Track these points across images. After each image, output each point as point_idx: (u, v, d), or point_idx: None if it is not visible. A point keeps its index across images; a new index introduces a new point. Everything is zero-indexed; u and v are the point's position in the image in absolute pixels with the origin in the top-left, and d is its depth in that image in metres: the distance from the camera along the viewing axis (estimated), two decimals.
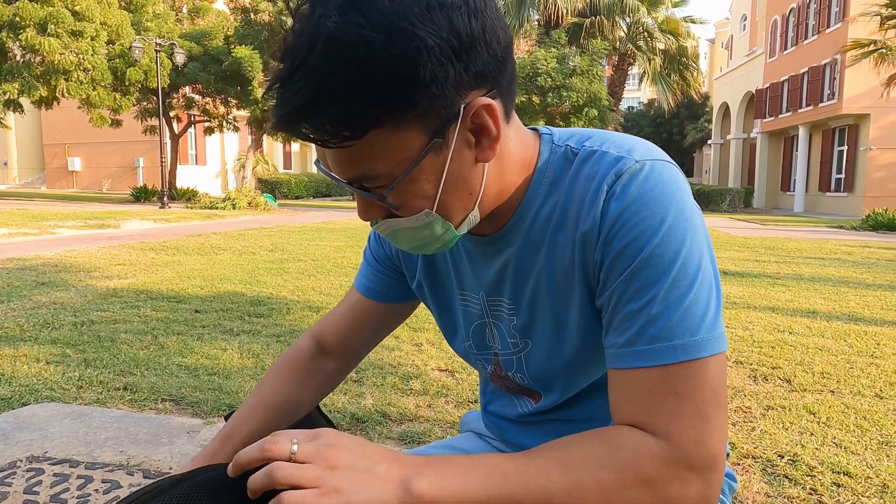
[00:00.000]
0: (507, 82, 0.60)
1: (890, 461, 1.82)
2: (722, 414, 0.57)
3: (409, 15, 0.51)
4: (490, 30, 0.56)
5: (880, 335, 3.42)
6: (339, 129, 0.53)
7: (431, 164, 0.57)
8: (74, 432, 1.81)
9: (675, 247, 0.58)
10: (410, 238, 0.63)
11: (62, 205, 15.18)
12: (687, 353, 0.57)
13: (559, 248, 0.65)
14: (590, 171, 0.63)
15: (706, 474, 0.55)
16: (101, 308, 3.63)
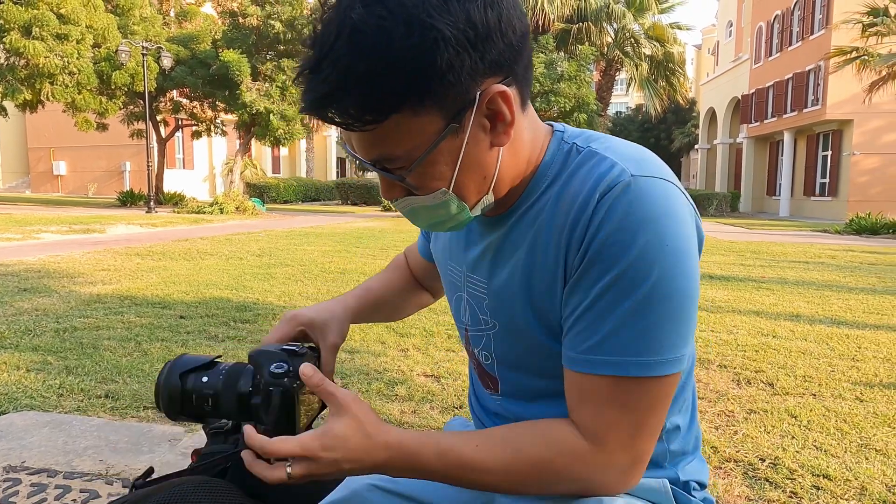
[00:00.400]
0: (523, 70, 0.63)
1: (869, 464, 1.84)
2: (657, 422, 0.64)
3: (427, 7, 0.54)
4: (506, 20, 0.59)
5: (861, 338, 3.46)
6: (362, 113, 0.57)
7: (448, 148, 0.61)
8: (53, 441, 1.78)
9: (646, 271, 0.60)
10: (427, 216, 0.67)
11: (47, 209, 15.00)
12: (638, 371, 0.61)
13: (543, 241, 0.67)
14: (587, 173, 0.65)
15: (629, 470, 0.65)
16: (84, 314, 3.59)
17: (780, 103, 23.03)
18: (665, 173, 0.65)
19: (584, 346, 0.63)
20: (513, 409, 0.77)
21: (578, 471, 0.64)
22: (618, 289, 0.60)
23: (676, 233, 0.61)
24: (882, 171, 19.68)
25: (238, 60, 16.34)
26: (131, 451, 1.74)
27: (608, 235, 0.61)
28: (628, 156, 0.65)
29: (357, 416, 0.64)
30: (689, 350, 0.65)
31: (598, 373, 0.62)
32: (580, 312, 0.63)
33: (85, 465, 1.64)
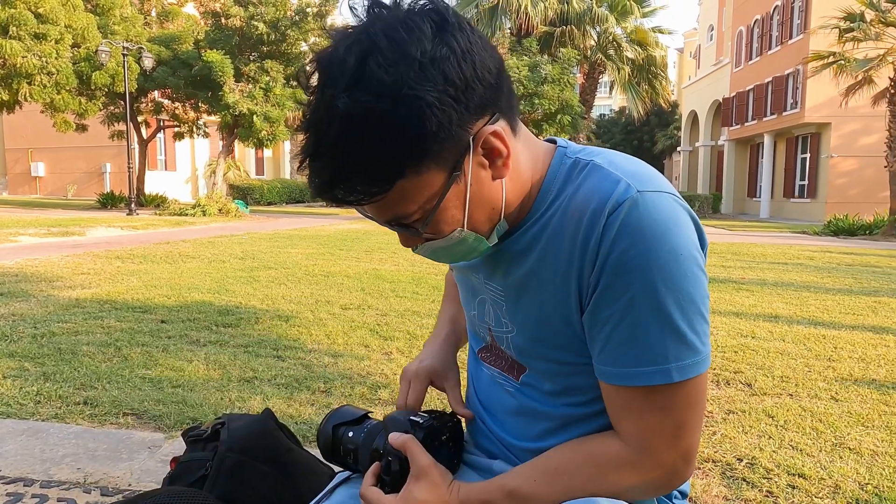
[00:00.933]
0: (506, 100, 0.67)
1: (843, 462, 1.88)
2: (697, 418, 0.69)
3: (407, 80, 0.58)
4: (480, 65, 0.62)
5: (838, 339, 3.53)
6: (368, 189, 0.62)
7: (455, 194, 0.66)
8: (30, 449, 1.76)
9: (666, 284, 0.64)
10: (449, 254, 0.73)
11: (24, 211, 14.74)
12: (673, 377, 0.65)
13: (553, 255, 0.71)
14: (591, 188, 0.68)
15: (679, 465, 0.69)
16: (62, 319, 3.53)
17: (761, 106, 23.38)
18: (667, 186, 0.69)
19: (617, 361, 0.67)
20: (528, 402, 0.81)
21: (632, 479, 0.69)
22: (642, 303, 0.64)
23: (686, 243, 0.65)
24: (859, 173, 20.06)
25: (221, 61, 16.18)
26: (110, 458, 1.72)
27: (624, 252, 0.64)
28: (631, 171, 0.69)
29: (434, 480, 0.72)
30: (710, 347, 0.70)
31: (634, 384, 0.67)
32: (609, 329, 0.67)
33: (62, 473, 1.62)
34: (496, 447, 0.86)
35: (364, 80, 0.57)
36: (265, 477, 0.99)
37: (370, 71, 0.57)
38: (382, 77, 0.57)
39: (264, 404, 2.25)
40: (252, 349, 3.00)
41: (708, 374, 0.69)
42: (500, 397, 0.85)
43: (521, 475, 0.72)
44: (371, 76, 0.57)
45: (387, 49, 0.58)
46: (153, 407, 2.18)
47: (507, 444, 0.84)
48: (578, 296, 0.69)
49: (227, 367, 2.69)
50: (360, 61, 0.58)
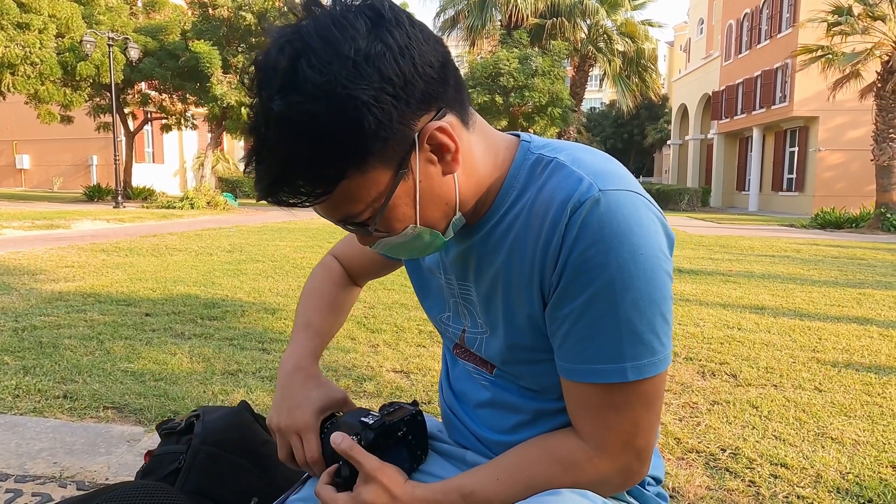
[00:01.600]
0: (454, 93, 0.65)
1: (825, 452, 1.89)
2: (653, 417, 0.69)
3: (340, 80, 0.56)
4: (420, 59, 0.60)
5: (822, 330, 3.56)
6: (312, 190, 0.61)
7: (404, 190, 0.64)
8: (6, 444, 1.73)
9: (625, 284, 0.64)
10: (406, 250, 0.71)
11: (8, 204, 14.54)
12: (626, 376, 0.65)
13: (518, 253, 0.70)
14: (555, 187, 0.67)
15: (633, 464, 0.70)
16: (44, 312, 3.49)
17: (750, 100, 23.49)
18: (631, 184, 0.67)
19: (575, 358, 0.67)
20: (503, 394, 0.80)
21: (588, 477, 0.69)
22: (601, 302, 0.64)
23: (648, 243, 0.64)
24: (846, 166, 20.24)
25: (208, 52, 16.01)
26: (87, 452, 1.69)
27: (584, 252, 0.64)
28: (595, 169, 0.67)
29: (382, 482, 0.70)
30: (670, 348, 0.69)
31: (591, 381, 0.67)
32: (567, 327, 0.67)
33: (38, 467, 1.59)
34: (468, 440, 0.86)
35: (297, 82, 0.56)
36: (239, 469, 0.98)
37: (303, 72, 0.56)
38: (315, 78, 0.56)
39: (248, 397, 2.23)
40: (237, 342, 2.98)
41: (666, 375, 0.69)
42: (473, 390, 0.85)
43: (480, 475, 0.72)
44: (304, 77, 0.56)
45: (319, 49, 0.57)
46: (134, 400, 2.15)
47: (480, 437, 0.83)
48: (541, 295, 0.69)
49: (211, 360, 2.67)
50: (293, 62, 0.57)
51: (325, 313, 0.97)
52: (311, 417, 0.80)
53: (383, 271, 1.03)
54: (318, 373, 0.88)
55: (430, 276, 0.86)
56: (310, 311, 0.97)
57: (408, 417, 0.80)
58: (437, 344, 3.06)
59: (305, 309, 0.97)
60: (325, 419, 0.82)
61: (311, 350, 0.91)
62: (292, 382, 0.85)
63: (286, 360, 0.89)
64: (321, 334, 0.94)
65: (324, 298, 0.99)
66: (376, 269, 1.02)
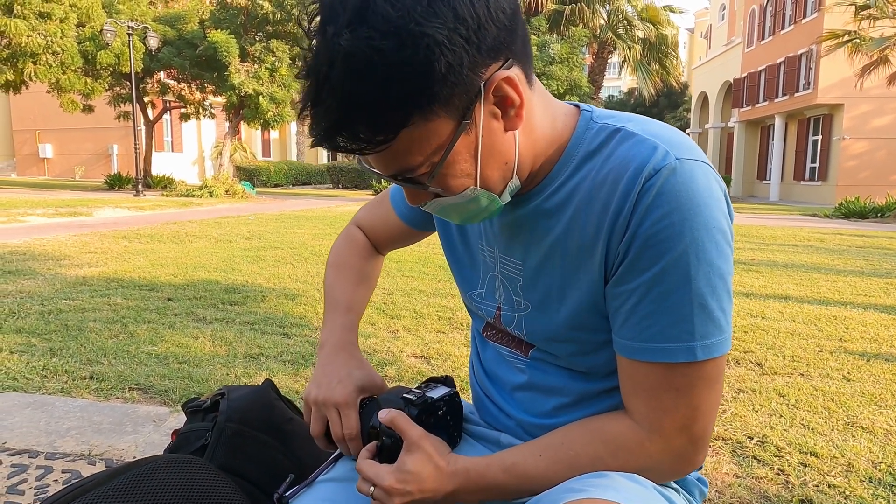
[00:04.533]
0: (521, 46, 0.62)
1: (855, 441, 1.85)
2: (714, 401, 0.65)
3: (414, 15, 0.53)
4: (493, 4, 0.57)
5: (849, 319, 3.49)
6: (372, 136, 0.57)
7: (465, 145, 0.60)
8: (35, 422, 1.76)
9: (698, 257, 0.61)
10: (460, 212, 0.67)
11: (32, 192, 14.79)
12: (696, 355, 0.63)
13: (580, 223, 0.67)
14: (626, 154, 0.64)
15: (689, 450, 0.66)
16: (69, 297, 3.54)
17: (772, 87, 23.03)
18: (704, 156, 0.65)
19: (640, 336, 0.64)
20: (541, 377, 0.78)
21: (640, 461, 0.66)
22: (673, 276, 0.61)
23: (719, 217, 0.62)
24: (871, 155, 19.79)
25: (226, 41, 16.06)
26: (115, 431, 1.71)
27: (657, 221, 0.61)
28: (668, 138, 0.64)
29: (427, 451, 0.69)
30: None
31: (652, 360, 0.64)
32: (634, 302, 0.64)
33: (67, 445, 1.62)
34: (503, 423, 0.83)
35: (368, 15, 0.53)
36: (264, 445, 0.97)
37: (374, 5, 0.53)
38: (388, 11, 0.53)
39: None
40: (258, 326, 2.99)
41: (726, 357, 0.66)
42: (508, 373, 0.82)
43: (523, 450, 0.70)
44: (376, 10, 0.53)
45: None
46: (159, 382, 2.18)
47: (518, 420, 0.81)
48: (604, 265, 0.66)
49: (232, 344, 2.69)
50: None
51: (355, 287, 0.96)
52: (353, 394, 0.79)
53: (409, 240, 1.01)
54: (361, 355, 0.87)
55: (465, 249, 0.83)
56: (340, 286, 0.95)
57: (447, 397, 0.79)
58: (456, 330, 3.05)
59: (335, 284, 0.96)
60: (362, 399, 0.81)
61: (349, 328, 0.89)
62: (335, 360, 0.84)
63: (327, 337, 0.88)
64: (354, 309, 0.93)
65: (352, 272, 0.98)
66: (402, 238, 1.00)
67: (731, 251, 0.64)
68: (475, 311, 0.86)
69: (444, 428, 0.78)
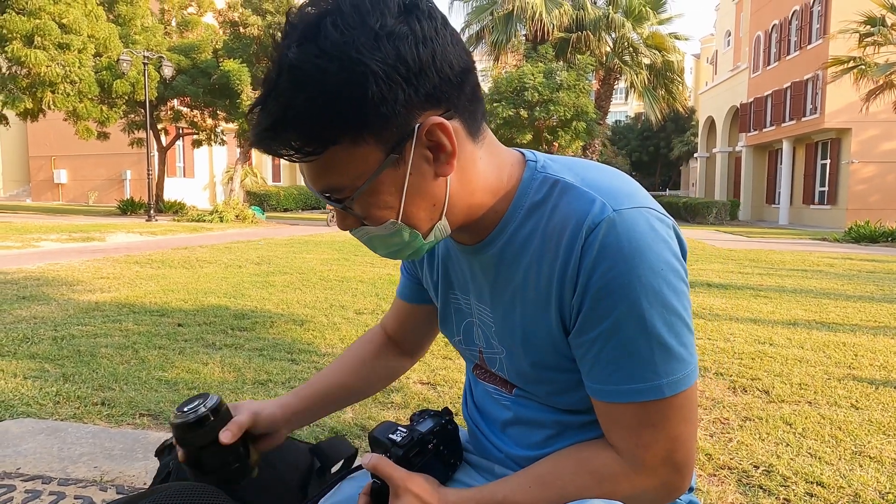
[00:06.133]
0: (467, 103, 0.65)
1: (863, 471, 1.84)
2: (691, 430, 0.68)
3: (357, 45, 0.58)
4: (441, 56, 0.61)
5: (858, 346, 3.47)
6: (302, 145, 0.61)
7: (391, 178, 0.63)
8: (48, 448, 1.79)
9: (650, 301, 0.63)
10: (383, 245, 0.70)
11: (47, 217, 15.02)
12: (664, 392, 0.65)
13: (535, 274, 0.70)
14: (567, 209, 0.67)
15: (674, 479, 0.69)
16: (82, 322, 3.59)
17: (779, 112, 23.11)
18: (642, 200, 0.68)
19: (607, 380, 0.67)
20: (525, 412, 0.80)
21: (626, 491, 0.68)
22: (629, 323, 0.64)
23: (666, 257, 0.65)
24: (880, 179, 19.73)
25: (238, 70, 16.42)
26: (126, 457, 1.74)
27: (604, 273, 0.64)
28: (606, 188, 0.67)
29: (413, 492, 0.70)
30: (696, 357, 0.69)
31: (625, 401, 0.66)
32: (596, 351, 0.66)
33: (79, 471, 1.64)
34: (495, 456, 0.85)
35: (318, 37, 0.58)
36: None
37: (325, 29, 0.58)
38: (334, 36, 0.57)
39: None
40: (267, 352, 3.03)
41: (697, 385, 0.69)
42: (496, 410, 0.85)
43: (512, 483, 0.71)
44: (326, 34, 0.58)
45: (347, 14, 0.58)
46: (169, 408, 2.21)
47: (507, 454, 0.83)
48: (561, 319, 0.69)
49: (241, 370, 2.72)
50: (319, 19, 0.59)
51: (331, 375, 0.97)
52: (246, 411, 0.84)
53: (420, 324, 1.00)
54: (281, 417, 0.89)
55: (442, 299, 0.87)
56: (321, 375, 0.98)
57: (437, 428, 0.80)
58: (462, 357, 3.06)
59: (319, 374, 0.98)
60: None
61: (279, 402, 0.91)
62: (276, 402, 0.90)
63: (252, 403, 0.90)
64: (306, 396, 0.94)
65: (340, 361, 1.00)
66: (413, 322, 1.00)
67: (686, 284, 0.67)
68: (463, 354, 0.90)
69: (438, 459, 0.79)
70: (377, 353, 1.01)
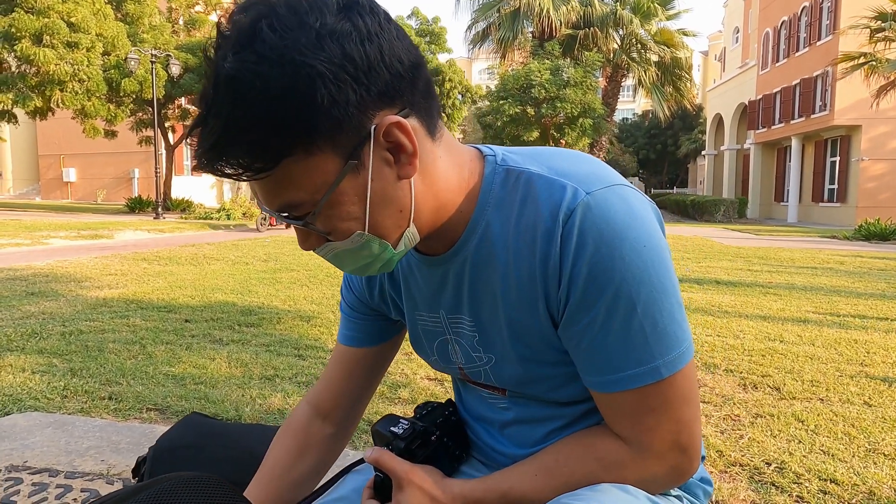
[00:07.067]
0: (421, 99, 0.61)
1: (877, 468, 1.82)
2: (693, 410, 0.66)
3: (298, 46, 0.53)
4: (389, 52, 0.57)
5: (870, 343, 3.43)
6: (251, 161, 0.56)
7: (352, 186, 0.59)
8: (56, 441, 1.79)
9: (637, 280, 0.61)
10: (352, 260, 0.65)
11: (56, 215, 15.12)
12: (661, 374, 0.63)
13: (515, 271, 0.66)
14: (538, 198, 0.64)
15: (682, 461, 0.67)
16: (90, 318, 3.60)
17: (788, 109, 22.94)
18: (612, 178, 0.65)
19: (603, 370, 0.65)
20: (526, 411, 0.77)
21: (634, 476, 0.67)
22: (618, 307, 0.62)
23: (648, 233, 0.62)
24: (891, 176, 19.54)
25: None
26: (133, 451, 1.74)
27: (588, 260, 0.61)
28: (574, 173, 0.65)
29: (416, 484, 0.69)
30: (690, 333, 0.67)
31: (624, 388, 0.64)
32: (588, 340, 0.64)
33: (86, 465, 1.64)
34: (498, 461, 0.82)
35: (255, 42, 0.53)
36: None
37: (262, 33, 0.53)
38: (273, 40, 0.53)
39: (285, 402, 2.26)
40: (273, 348, 3.02)
41: (695, 362, 0.67)
42: (494, 413, 0.81)
43: (518, 472, 0.70)
44: (263, 38, 0.53)
45: (284, 15, 0.54)
46: (176, 403, 2.21)
47: (509, 455, 0.80)
48: (549, 313, 0.66)
49: (248, 366, 2.71)
50: (253, 23, 0.54)
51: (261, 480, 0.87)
52: None
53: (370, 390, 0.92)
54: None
55: (416, 321, 0.81)
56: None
57: (440, 420, 0.79)
58: None
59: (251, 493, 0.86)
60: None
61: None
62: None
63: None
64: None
65: (273, 482, 0.87)
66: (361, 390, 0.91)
67: (669, 258, 0.64)
68: (442, 371, 0.86)
69: (443, 450, 0.77)
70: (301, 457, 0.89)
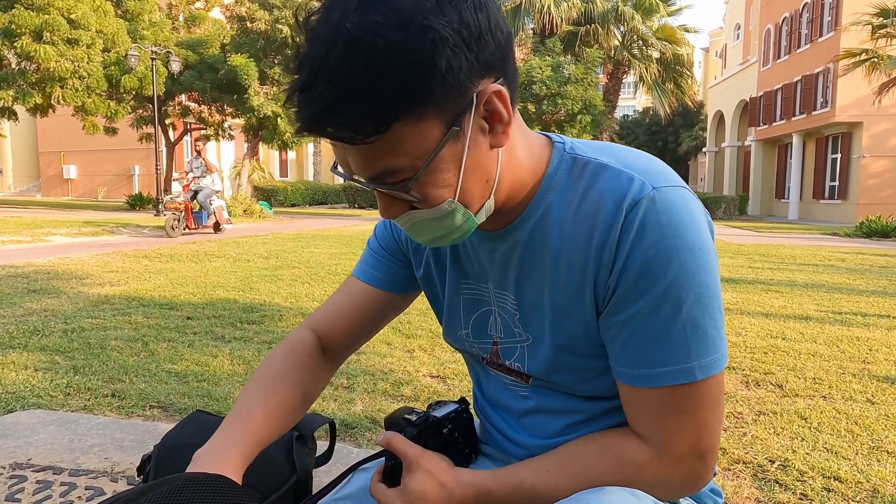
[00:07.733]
0: (511, 70, 0.63)
1: (881, 466, 1.81)
2: (718, 417, 0.66)
3: (422, 10, 0.53)
4: (494, 21, 0.58)
5: (872, 341, 3.42)
6: (363, 125, 0.55)
7: (450, 153, 0.59)
8: (59, 439, 1.79)
9: (688, 280, 0.62)
10: (431, 229, 0.65)
11: (57, 212, 15.12)
12: (695, 376, 0.64)
13: (568, 257, 0.67)
14: (604, 188, 0.65)
15: (699, 468, 0.67)
16: (91, 315, 3.60)
17: (789, 106, 22.89)
18: (678, 180, 0.66)
19: (639, 363, 0.65)
20: (547, 401, 0.77)
21: (646, 478, 0.66)
22: (665, 302, 0.62)
23: (703, 237, 0.64)
24: (892, 173, 19.51)
25: (246, 65, 16.42)
26: (136, 448, 1.74)
27: (644, 252, 0.62)
28: (641, 167, 0.66)
29: (426, 468, 0.69)
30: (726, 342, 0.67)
31: (656, 384, 0.64)
32: (629, 331, 0.64)
33: (90, 462, 1.64)
34: (513, 452, 0.82)
35: (377, 2, 0.52)
36: None
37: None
38: (399, 1, 0.52)
39: None
40: (275, 345, 3.02)
41: (724, 372, 0.67)
42: (513, 401, 0.81)
43: (531, 466, 0.70)
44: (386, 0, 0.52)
45: None
46: (179, 400, 2.21)
47: (525, 446, 0.80)
48: (594, 298, 0.66)
49: (250, 363, 2.71)
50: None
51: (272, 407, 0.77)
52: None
53: (377, 321, 0.89)
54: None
55: (459, 291, 0.81)
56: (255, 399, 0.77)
57: (453, 414, 0.79)
58: None
59: (250, 396, 0.78)
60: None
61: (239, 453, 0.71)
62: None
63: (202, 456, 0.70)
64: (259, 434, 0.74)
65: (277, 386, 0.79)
66: (371, 317, 0.88)
67: (717, 265, 0.65)
68: (468, 350, 0.84)
69: (453, 445, 0.77)
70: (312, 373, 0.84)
